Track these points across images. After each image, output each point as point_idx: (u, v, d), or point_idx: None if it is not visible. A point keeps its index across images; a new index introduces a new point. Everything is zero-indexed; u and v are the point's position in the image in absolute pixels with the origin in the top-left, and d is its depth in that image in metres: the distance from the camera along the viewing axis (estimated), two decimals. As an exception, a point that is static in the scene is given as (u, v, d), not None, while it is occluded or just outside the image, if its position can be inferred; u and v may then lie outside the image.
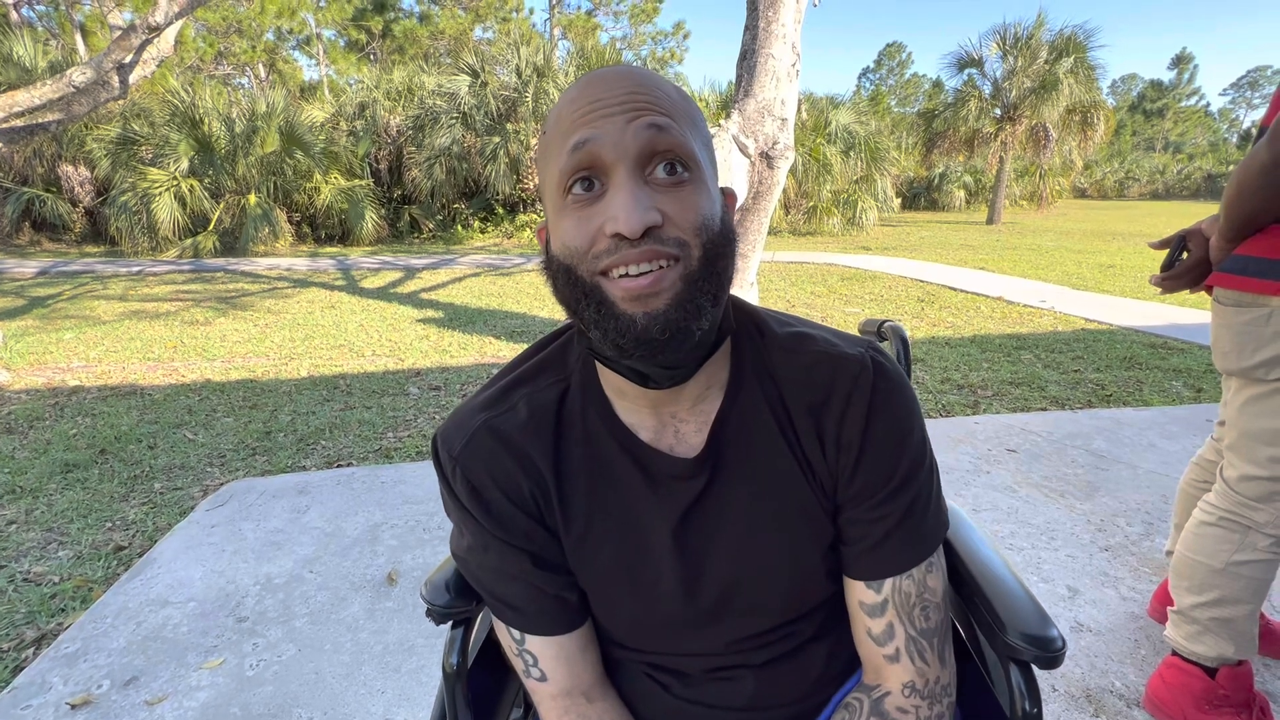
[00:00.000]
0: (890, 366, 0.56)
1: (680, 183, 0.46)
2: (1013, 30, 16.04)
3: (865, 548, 0.56)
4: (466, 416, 0.58)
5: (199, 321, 5.41)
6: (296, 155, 10.73)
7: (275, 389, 3.57)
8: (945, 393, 3.35)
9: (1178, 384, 3.44)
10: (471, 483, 0.57)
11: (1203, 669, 1.19)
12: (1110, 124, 17.15)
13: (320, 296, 6.59)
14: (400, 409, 3.22)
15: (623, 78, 0.48)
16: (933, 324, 5.06)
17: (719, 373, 0.57)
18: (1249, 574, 1.13)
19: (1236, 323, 1.08)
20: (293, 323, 5.35)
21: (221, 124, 10.42)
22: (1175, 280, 1.22)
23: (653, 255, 0.45)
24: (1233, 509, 1.14)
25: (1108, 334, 4.60)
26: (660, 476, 0.57)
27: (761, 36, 3.47)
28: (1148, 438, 2.63)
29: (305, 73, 26.49)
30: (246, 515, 2.10)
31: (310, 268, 8.88)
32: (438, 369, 3.95)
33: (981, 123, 16.55)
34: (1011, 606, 0.56)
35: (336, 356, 4.27)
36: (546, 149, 0.50)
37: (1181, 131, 54.20)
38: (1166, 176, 34.95)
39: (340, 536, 1.97)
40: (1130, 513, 2.04)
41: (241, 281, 7.61)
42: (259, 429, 2.96)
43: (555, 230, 0.49)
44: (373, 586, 1.72)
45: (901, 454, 0.55)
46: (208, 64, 21.85)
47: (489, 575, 0.59)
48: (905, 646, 0.56)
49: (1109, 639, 1.48)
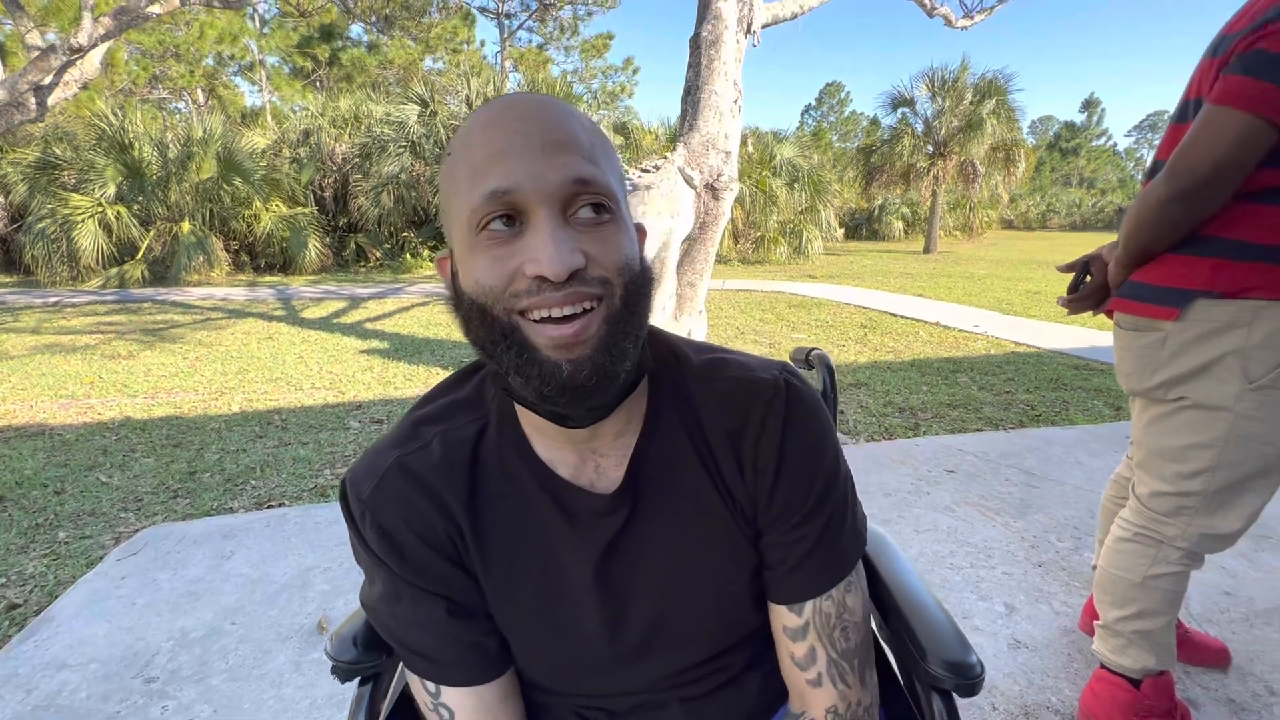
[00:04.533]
0: (803, 388, 0.57)
1: (602, 223, 0.46)
2: (940, 74, 17.17)
3: (785, 570, 0.56)
4: (376, 457, 0.55)
5: (121, 355, 5.08)
6: (235, 182, 10.36)
7: (203, 426, 3.37)
8: (888, 415, 3.45)
9: (1099, 403, 3.64)
10: (383, 527, 0.54)
11: (1128, 680, 1.23)
12: (1030, 161, 18.47)
13: (257, 327, 6.31)
14: (339, 444, 3.09)
15: (539, 111, 0.46)
16: (875, 349, 5.23)
17: (638, 405, 0.56)
18: (1164, 586, 1.18)
19: (1136, 346, 1.15)
20: (225, 355, 5.09)
21: (154, 149, 10.00)
22: (1080, 302, 1.29)
23: (577, 298, 0.44)
24: (1146, 524, 1.19)
25: (1036, 357, 4.86)
26: (580, 513, 0.55)
27: (704, 73, 3.59)
28: (1074, 455, 2.76)
29: (247, 98, 25.80)
30: (163, 564, 1.95)
31: (247, 297, 8.52)
32: (381, 401, 3.82)
33: (915, 158, 17.53)
34: (932, 634, 0.56)
35: (272, 390, 4.08)
36: (453, 180, 0.47)
37: (1094, 169, 58.71)
38: (1083, 209, 37.68)
39: (267, 583, 1.85)
40: (1060, 528, 2.13)
41: (171, 312, 7.23)
42: (182, 469, 2.77)
43: (466, 266, 0.47)
44: (301, 636, 1.61)
45: (816, 474, 0.55)
46: (141, 87, 21.03)
47: (401, 625, 0.55)
48: (827, 670, 0.56)
49: (1045, 654, 1.52)
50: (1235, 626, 1.61)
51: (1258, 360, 1.01)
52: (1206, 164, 0.95)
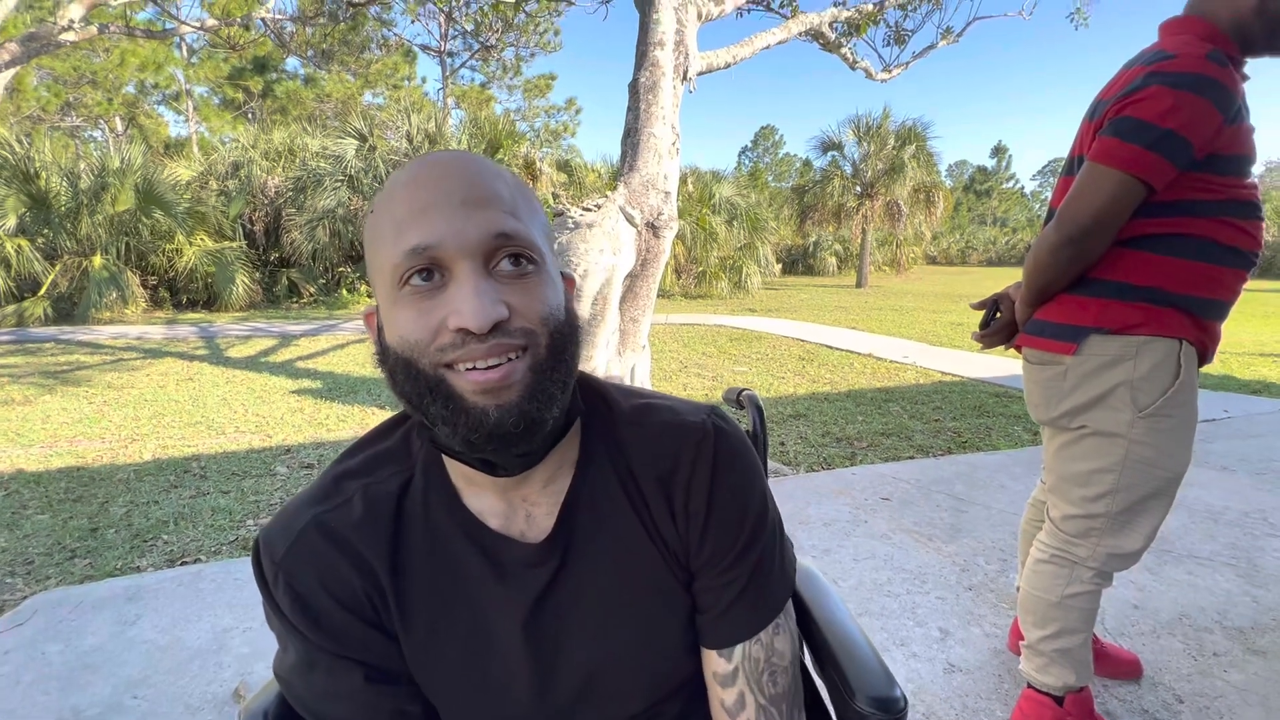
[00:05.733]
0: (732, 430, 0.58)
1: (525, 275, 0.46)
2: (865, 120, 18.38)
3: (715, 614, 0.56)
4: (293, 515, 0.53)
5: (15, 401, 4.65)
6: (155, 214, 9.84)
7: (109, 477, 3.11)
8: (826, 445, 3.55)
9: (1019, 428, 3.87)
10: (296, 590, 0.51)
11: (1052, 698, 1.29)
12: (949, 201, 19.88)
13: (176, 368, 5.93)
14: (264, 491, 2.91)
15: (460, 168, 0.47)
16: (813, 380, 5.40)
17: (569, 452, 0.56)
18: (1080, 605, 1.25)
19: (1041, 378, 1.24)
20: (138, 399, 4.74)
21: (63, 179, 9.40)
22: (991, 337, 1.39)
23: (500, 350, 0.44)
24: (1060, 546, 1.27)
25: (960, 385, 5.14)
26: (509, 565, 0.54)
27: (643, 117, 3.71)
28: (999, 479, 2.91)
29: (172, 128, 24.75)
30: (54, 634, 1.76)
31: (166, 336, 8.01)
32: (312, 444, 3.63)
33: (845, 198, 18.57)
34: (859, 673, 0.58)
35: (190, 435, 3.81)
36: (377, 235, 0.47)
37: (1005, 209, 63.64)
38: (998, 246, 40.64)
39: (178, 649, 1.69)
40: (988, 551, 2.22)
41: (78, 353, 6.70)
42: (82, 526, 2.54)
43: (390, 320, 0.47)
44: (215, 707, 1.48)
45: (745, 516, 0.56)
46: (52, 114, 19.84)
47: (316, 696, 0.52)
48: (755, 716, 0.56)
49: (977, 676, 1.57)
50: (1144, 638, 1.71)
51: (1144, 390, 1.11)
52: (1088, 214, 1.06)
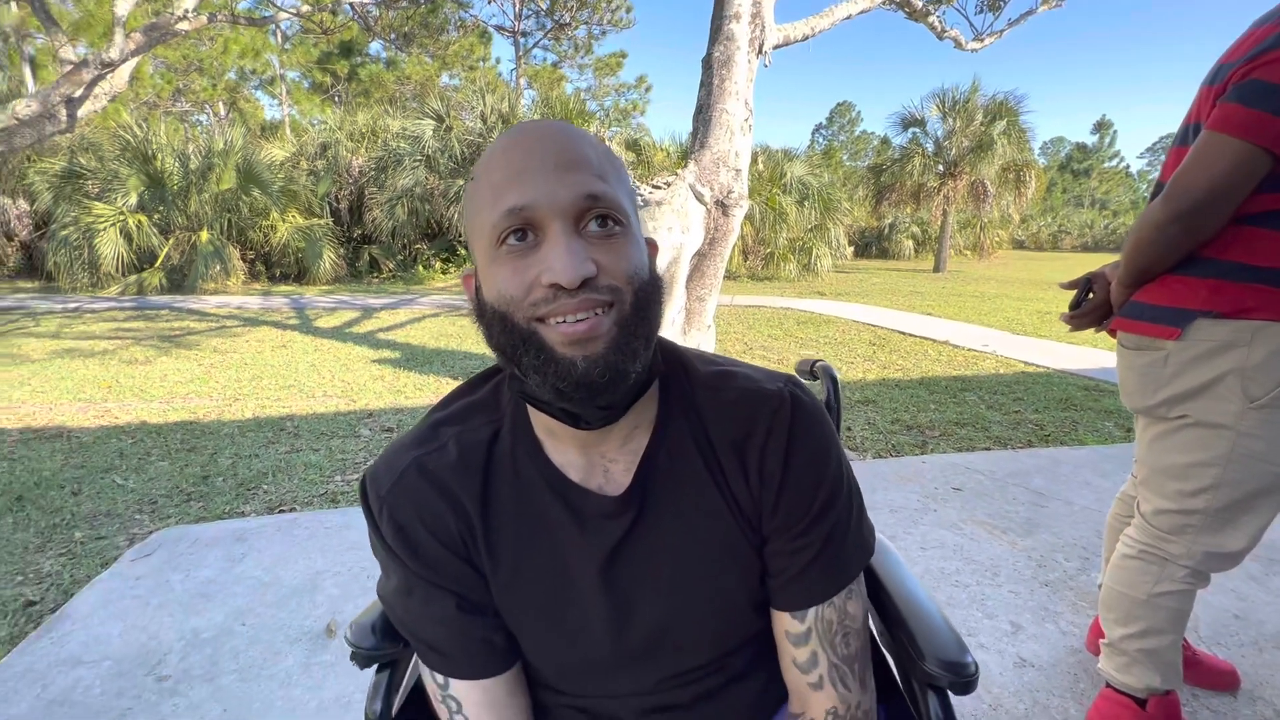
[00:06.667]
0: (808, 399, 0.59)
1: (612, 235, 0.49)
2: (950, 95, 17.25)
3: (788, 578, 0.58)
4: (395, 455, 0.58)
5: (138, 360, 5.17)
6: (253, 193, 10.57)
7: (216, 431, 3.42)
8: (895, 433, 3.45)
9: (1110, 424, 3.62)
10: (398, 523, 0.56)
11: (1134, 699, 1.23)
12: (1042, 182, 18.45)
13: (271, 336, 6.40)
14: (350, 451, 3.13)
15: (552, 134, 0.50)
16: (884, 367, 5.23)
17: (647, 412, 0.59)
18: (1169, 604, 1.18)
19: (1138, 364, 1.16)
20: (240, 362, 5.17)
21: (176, 160, 10.22)
22: (1081, 319, 1.31)
23: (589, 304, 0.47)
24: (1150, 542, 1.20)
25: (1045, 377, 4.84)
26: (588, 515, 0.57)
27: (716, 93, 3.65)
28: (1083, 475, 2.74)
29: (267, 112, 26.32)
30: (176, 565, 1.98)
31: (262, 306, 8.64)
32: (392, 410, 3.86)
33: (926, 178, 17.57)
34: (930, 636, 0.58)
35: (285, 397, 4.13)
36: (476, 200, 0.51)
37: (1106, 190, 58.58)
38: (1095, 230, 37.59)
39: (278, 586, 1.87)
40: (1068, 548, 2.11)
41: (188, 320, 7.35)
42: (196, 473, 2.82)
43: (488, 278, 0.50)
44: (310, 639, 1.64)
45: (820, 484, 0.57)
46: (164, 100, 21.53)
47: (414, 618, 0.58)
48: (828, 673, 0.57)
49: (1050, 673, 1.52)
50: (1245, 650, 1.59)
51: (1258, 380, 1.02)
52: (1202, 188, 0.97)
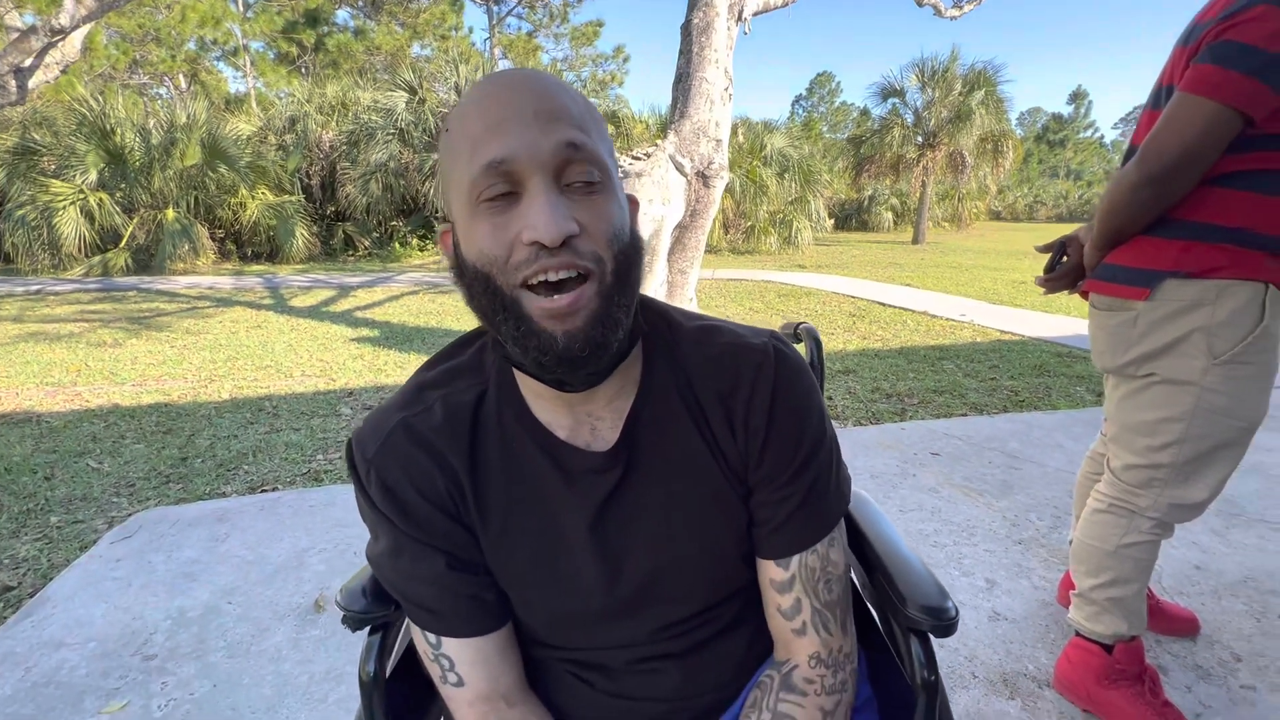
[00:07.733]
0: (791, 353, 0.60)
1: (593, 190, 0.48)
2: (930, 64, 17.19)
3: (773, 527, 0.59)
4: (381, 418, 0.58)
5: (107, 343, 5.03)
6: (220, 169, 10.22)
7: (193, 413, 3.36)
8: (875, 401, 3.50)
9: (1081, 389, 3.72)
10: (386, 483, 0.56)
11: (1101, 646, 1.28)
12: (1019, 152, 18.58)
13: (245, 316, 6.27)
14: (331, 430, 3.10)
15: (530, 84, 0.48)
16: (863, 337, 5.29)
17: (632, 370, 0.59)
18: (1136, 555, 1.23)
19: (1109, 325, 1.19)
20: (214, 343, 5.06)
21: (136, 135, 9.83)
22: (1055, 281, 1.34)
23: (570, 264, 0.46)
24: (1119, 496, 1.24)
25: (1020, 344, 4.94)
26: (576, 471, 0.58)
27: (695, 61, 3.60)
28: (1055, 438, 2.82)
29: (231, 85, 25.34)
30: (157, 546, 1.96)
31: (235, 286, 8.44)
32: (372, 388, 3.82)
33: (905, 149, 17.59)
34: (911, 582, 0.60)
35: (262, 378, 4.06)
36: (452, 152, 0.49)
37: (1081, 160, 59.14)
38: (1070, 201, 37.99)
39: (263, 564, 1.87)
40: (1040, 508, 2.19)
41: (157, 301, 7.15)
42: (174, 455, 2.77)
43: (467, 235, 0.49)
44: (298, 614, 1.64)
45: (803, 435, 0.58)
46: (121, 72, 20.61)
47: (403, 578, 0.58)
48: (811, 619, 0.59)
49: (1023, 626, 1.58)
50: (1204, 598, 1.67)
51: (1222, 336, 1.06)
52: (1174, 150, 0.99)
